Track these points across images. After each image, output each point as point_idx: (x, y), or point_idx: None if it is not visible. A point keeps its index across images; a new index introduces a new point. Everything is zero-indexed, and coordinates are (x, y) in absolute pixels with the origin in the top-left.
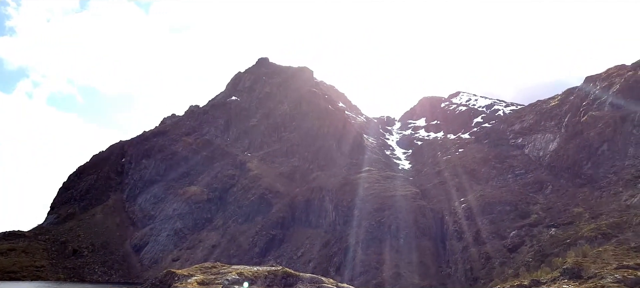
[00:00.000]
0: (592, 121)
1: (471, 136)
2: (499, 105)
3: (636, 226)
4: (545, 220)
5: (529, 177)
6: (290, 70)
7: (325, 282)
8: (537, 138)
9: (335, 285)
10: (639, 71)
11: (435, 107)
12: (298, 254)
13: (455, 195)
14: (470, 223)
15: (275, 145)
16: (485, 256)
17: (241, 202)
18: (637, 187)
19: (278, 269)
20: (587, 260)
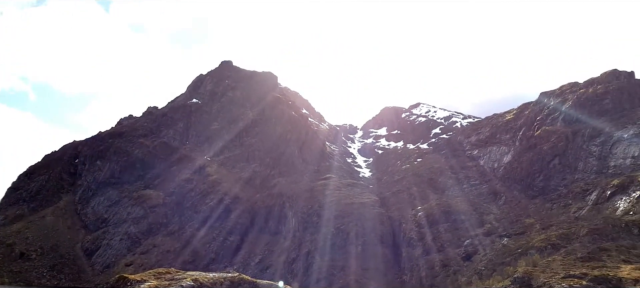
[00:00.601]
0: (545, 135)
1: (430, 146)
2: (457, 117)
3: (583, 237)
4: (499, 229)
5: (484, 187)
6: (255, 75)
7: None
8: (493, 150)
9: None
10: (590, 89)
11: (397, 117)
12: (256, 261)
13: (413, 204)
14: (427, 231)
15: (236, 150)
16: (440, 263)
17: (199, 207)
18: (585, 200)
19: (235, 276)
20: (537, 270)
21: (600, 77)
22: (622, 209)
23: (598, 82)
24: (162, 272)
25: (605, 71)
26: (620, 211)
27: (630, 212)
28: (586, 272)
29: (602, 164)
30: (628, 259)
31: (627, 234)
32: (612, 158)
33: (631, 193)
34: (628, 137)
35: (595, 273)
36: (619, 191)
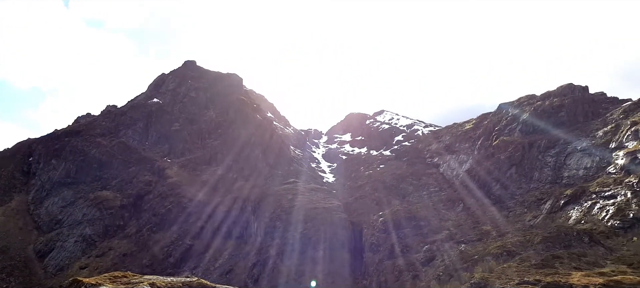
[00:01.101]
0: (502, 145)
1: (392, 153)
2: (419, 125)
3: (537, 245)
4: (457, 235)
5: (444, 194)
6: (219, 76)
7: None
8: (452, 158)
9: None
10: (546, 101)
11: (361, 123)
12: (215, 265)
13: (376, 209)
14: (387, 237)
15: (197, 152)
16: (399, 269)
17: (157, 210)
18: (540, 208)
19: (193, 280)
20: (493, 276)
21: (556, 90)
22: (575, 218)
23: (554, 95)
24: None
25: (561, 85)
26: (572, 220)
27: (582, 221)
28: (540, 278)
29: (556, 174)
30: (579, 266)
31: (578, 242)
32: (566, 169)
33: (583, 203)
34: (581, 149)
35: (548, 280)
36: (571, 201)
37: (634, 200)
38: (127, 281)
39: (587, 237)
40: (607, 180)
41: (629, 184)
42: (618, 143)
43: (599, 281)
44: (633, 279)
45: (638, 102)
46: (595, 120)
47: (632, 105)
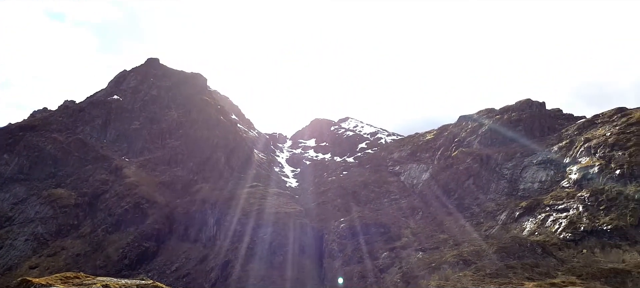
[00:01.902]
0: (461, 157)
1: (355, 160)
2: (382, 133)
3: (492, 254)
4: (414, 243)
5: (403, 202)
6: (182, 75)
7: None
8: (413, 167)
9: None
10: (505, 116)
11: (326, 129)
12: (172, 268)
13: (337, 215)
14: (348, 243)
15: (157, 152)
16: (358, 275)
17: (113, 210)
18: (496, 219)
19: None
20: (448, 284)
21: (515, 105)
22: (529, 230)
23: (513, 110)
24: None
25: (519, 100)
26: (526, 231)
27: (536, 233)
28: (494, 287)
29: (512, 187)
30: (531, 277)
31: (531, 253)
32: (522, 181)
33: (537, 216)
34: (537, 163)
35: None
36: (526, 213)
37: (585, 213)
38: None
39: (540, 248)
40: (561, 194)
41: (581, 198)
42: (572, 158)
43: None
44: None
45: (592, 119)
46: (551, 136)
47: (586, 122)
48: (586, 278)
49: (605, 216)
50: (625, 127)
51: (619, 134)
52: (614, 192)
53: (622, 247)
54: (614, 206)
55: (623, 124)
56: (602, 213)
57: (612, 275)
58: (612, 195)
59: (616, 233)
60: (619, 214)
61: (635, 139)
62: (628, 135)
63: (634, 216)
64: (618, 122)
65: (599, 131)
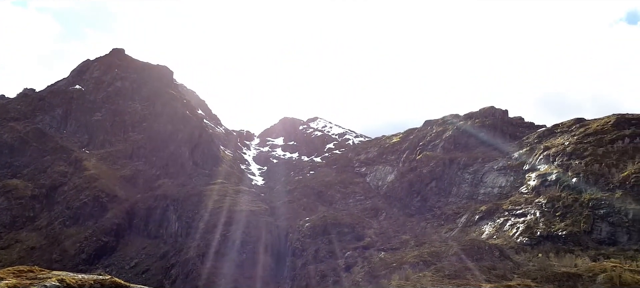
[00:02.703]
0: (425, 160)
1: (323, 160)
2: (350, 135)
3: (451, 256)
4: (377, 243)
5: (368, 203)
6: (147, 67)
7: None
8: (379, 169)
9: None
10: (469, 121)
11: (294, 128)
12: (131, 264)
13: (301, 215)
14: (311, 242)
15: (119, 145)
16: (321, 274)
17: (71, 203)
18: (456, 222)
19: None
20: (409, 284)
21: (478, 111)
22: (487, 233)
23: (476, 116)
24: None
25: (483, 107)
26: (485, 235)
27: (494, 236)
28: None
29: (473, 191)
30: (489, 279)
31: (489, 256)
32: (482, 186)
33: (496, 219)
34: (498, 169)
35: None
36: (485, 216)
37: (542, 219)
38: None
39: (498, 251)
40: (519, 200)
41: (539, 204)
42: (531, 165)
43: None
44: None
45: (552, 128)
46: (512, 143)
47: (546, 131)
48: (541, 281)
49: (560, 222)
50: (583, 137)
51: (576, 144)
52: (570, 199)
53: (575, 252)
54: (569, 213)
55: (581, 134)
56: (558, 219)
57: (565, 279)
58: (568, 202)
59: (570, 239)
60: (573, 220)
61: (591, 149)
62: (585, 145)
63: (587, 223)
64: (576, 132)
65: (558, 140)
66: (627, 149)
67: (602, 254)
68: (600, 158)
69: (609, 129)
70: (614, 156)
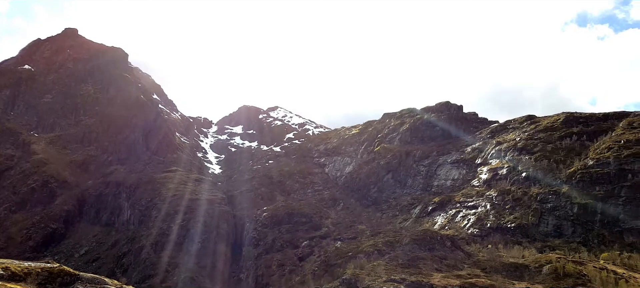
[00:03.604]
0: (383, 152)
1: (282, 150)
2: (310, 125)
3: (405, 246)
4: (334, 233)
5: (326, 193)
6: (102, 49)
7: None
8: (337, 160)
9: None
10: (425, 116)
11: (254, 117)
12: (81, 252)
13: (259, 204)
14: (269, 232)
15: (70, 129)
16: (277, 263)
17: (18, 188)
18: (410, 213)
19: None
20: (363, 272)
21: (434, 106)
22: (440, 224)
23: (432, 111)
24: None
25: (439, 102)
26: (438, 225)
27: (446, 227)
28: (405, 277)
29: (427, 183)
30: (440, 268)
31: (441, 246)
32: (436, 178)
33: (448, 211)
34: (451, 162)
35: (412, 279)
36: (438, 208)
37: (492, 211)
38: None
39: (450, 241)
40: (471, 192)
41: (489, 197)
42: (483, 159)
43: (456, 282)
44: (485, 282)
45: (504, 124)
46: (466, 137)
47: (498, 127)
48: (490, 271)
49: (510, 215)
50: (534, 133)
51: (527, 139)
52: (519, 193)
53: (523, 244)
54: (519, 206)
55: (531, 130)
56: (507, 211)
57: (513, 269)
58: (518, 195)
59: (518, 231)
60: (522, 213)
61: (541, 145)
62: (535, 141)
63: (535, 216)
64: (527, 129)
65: (510, 135)
66: (574, 146)
67: (548, 246)
68: (549, 154)
69: (559, 126)
70: (562, 152)
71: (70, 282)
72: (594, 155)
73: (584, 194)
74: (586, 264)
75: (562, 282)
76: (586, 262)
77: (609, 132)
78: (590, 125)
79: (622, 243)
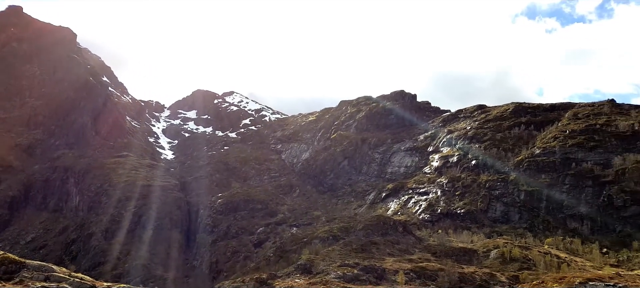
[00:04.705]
0: (339, 139)
1: (238, 136)
2: (267, 111)
3: (359, 231)
4: (290, 219)
5: (282, 180)
6: (48, 28)
7: (57, 270)
8: (294, 146)
9: (67, 275)
10: (380, 104)
11: (209, 102)
12: (27, 239)
13: (214, 191)
14: (223, 218)
15: (15, 111)
16: (232, 250)
17: None
18: (365, 199)
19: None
20: (318, 258)
21: (389, 94)
22: (393, 209)
23: (387, 99)
24: None
25: (394, 90)
26: (391, 211)
27: (398, 213)
28: (358, 261)
29: (381, 170)
30: (392, 252)
31: (394, 231)
32: (390, 165)
33: (401, 197)
34: (404, 149)
35: (365, 263)
36: (392, 194)
37: (443, 198)
38: None
39: (402, 227)
40: (423, 179)
41: (440, 184)
42: (435, 147)
43: (407, 266)
44: (435, 266)
45: (455, 113)
46: (419, 125)
47: (450, 116)
48: (440, 256)
49: (459, 201)
50: (484, 123)
51: (477, 128)
52: (469, 180)
53: (471, 229)
54: (468, 192)
55: (482, 119)
56: (457, 198)
57: (462, 254)
58: (467, 182)
59: (468, 217)
60: (471, 200)
61: (490, 134)
62: (485, 130)
63: (483, 202)
64: (478, 118)
65: (461, 124)
66: (522, 135)
67: (495, 231)
68: (498, 143)
69: (508, 116)
70: (510, 141)
71: (16, 270)
72: (540, 144)
73: (530, 182)
74: (531, 249)
75: (508, 266)
76: (531, 246)
77: (555, 122)
78: (538, 116)
79: (565, 228)
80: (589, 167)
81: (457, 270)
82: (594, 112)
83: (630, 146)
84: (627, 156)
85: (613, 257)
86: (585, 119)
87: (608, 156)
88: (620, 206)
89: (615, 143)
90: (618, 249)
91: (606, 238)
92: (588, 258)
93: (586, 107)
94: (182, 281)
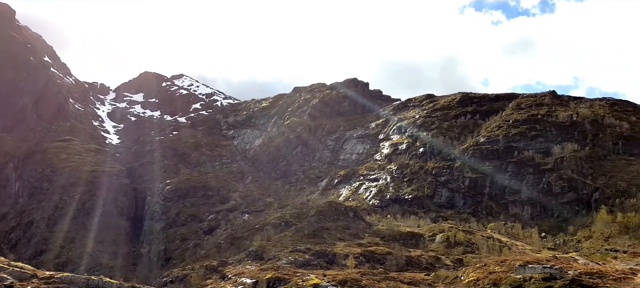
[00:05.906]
0: (293, 125)
1: (188, 121)
2: (218, 96)
3: (311, 217)
4: (242, 206)
5: (234, 166)
6: None
7: None
8: (247, 132)
9: (7, 264)
10: (334, 91)
11: (157, 84)
12: None
13: (163, 177)
14: (172, 205)
15: None
16: (181, 237)
17: None
18: (317, 185)
19: None
20: (270, 244)
21: (342, 82)
22: (344, 196)
23: (340, 86)
24: None
25: (347, 78)
26: (342, 197)
27: (350, 198)
28: (310, 247)
29: (334, 156)
30: (342, 237)
31: (344, 217)
32: (342, 152)
33: (352, 183)
34: (357, 137)
35: (317, 248)
36: (343, 180)
37: (392, 184)
38: None
39: (353, 212)
40: (373, 166)
41: (390, 171)
42: (386, 135)
43: (357, 250)
44: (384, 249)
45: (405, 102)
46: (370, 113)
47: (400, 104)
48: (388, 240)
49: (407, 187)
50: (432, 112)
51: (425, 117)
52: (417, 167)
53: (418, 214)
54: (416, 179)
55: (430, 108)
56: (405, 184)
57: (409, 238)
58: (415, 169)
59: (415, 202)
60: (418, 186)
61: (438, 123)
62: (433, 119)
63: (430, 188)
64: (426, 107)
65: (410, 113)
66: (468, 124)
67: (441, 216)
68: (445, 131)
69: (455, 105)
70: (457, 130)
71: None
72: (485, 133)
73: (474, 169)
74: (475, 233)
75: (453, 250)
76: (475, 231)
77: (499, 111)
78: (483, 105)
79: (507, 214)
80: (530, 155)
81: (405, 254)
82: (536, 103)
83: (569, 136)
84: (565, 145)
85: (551, 240)
86: (528, 109)
87: (548, 145)
88: (558, 192)
89: (555, 132)
90: (555, 233)
91: (545, 223)
92: (528, 242)
93: (529, 98)
94: (130, 269)
